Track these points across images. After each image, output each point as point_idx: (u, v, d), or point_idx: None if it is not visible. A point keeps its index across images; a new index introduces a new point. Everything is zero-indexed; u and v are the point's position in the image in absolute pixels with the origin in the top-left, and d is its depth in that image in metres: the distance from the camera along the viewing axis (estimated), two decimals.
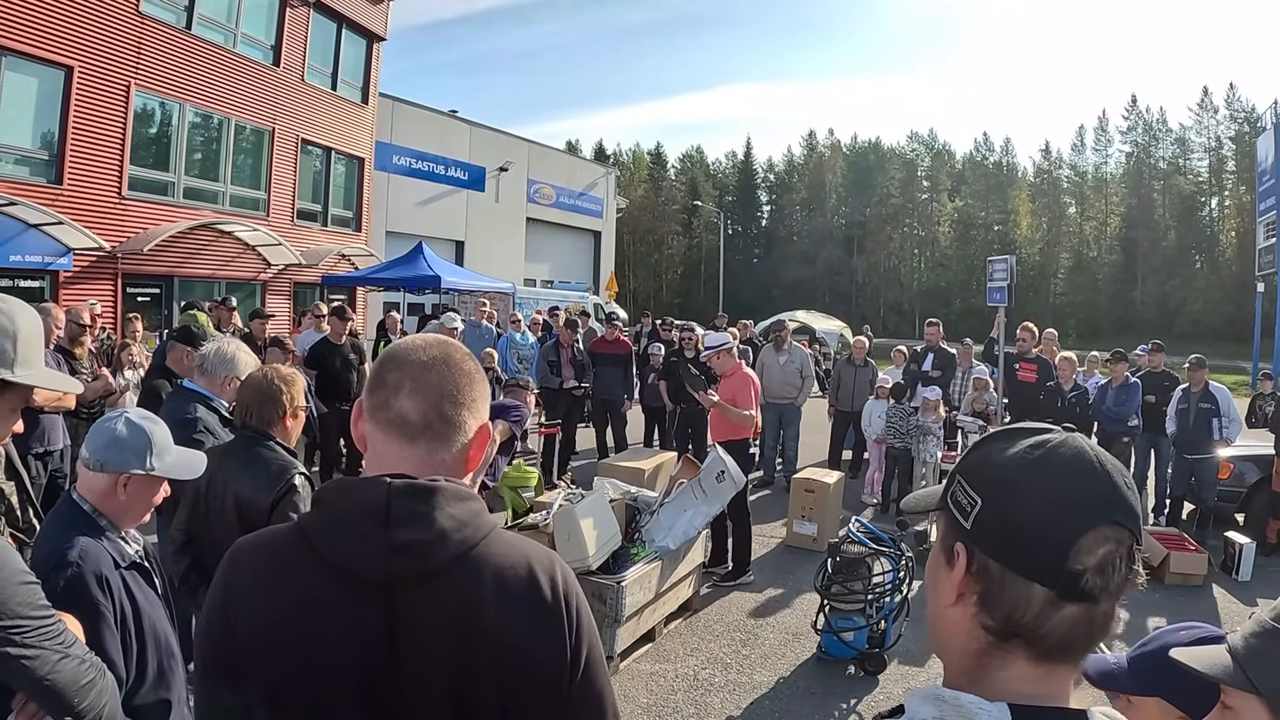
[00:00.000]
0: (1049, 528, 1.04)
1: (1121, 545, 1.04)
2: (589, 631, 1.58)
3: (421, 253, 20.38)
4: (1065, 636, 1.05)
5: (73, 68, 16.62)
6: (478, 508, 1.53)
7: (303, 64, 23.21)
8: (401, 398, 1.55)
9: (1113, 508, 1.04)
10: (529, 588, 1.51)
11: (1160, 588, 8.56)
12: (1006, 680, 1.08)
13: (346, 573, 1.44)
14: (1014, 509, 1.07)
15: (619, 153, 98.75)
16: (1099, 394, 11.18)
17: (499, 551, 1.51)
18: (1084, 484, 1.05)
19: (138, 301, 18.31)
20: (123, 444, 2.64)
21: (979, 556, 1.09)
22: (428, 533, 1.44)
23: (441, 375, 1.57)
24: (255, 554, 1.56)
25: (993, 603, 1.07)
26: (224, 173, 21.31)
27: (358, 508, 1.47)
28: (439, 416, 1.55)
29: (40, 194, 16.00)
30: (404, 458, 1.55)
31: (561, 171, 41.76)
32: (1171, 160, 75.04)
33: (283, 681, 1.44)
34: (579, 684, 1.54)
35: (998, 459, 1.12)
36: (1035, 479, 1.07)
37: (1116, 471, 1.07)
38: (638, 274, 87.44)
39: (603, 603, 5.94)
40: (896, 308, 79.16)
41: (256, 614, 1.47)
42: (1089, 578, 1.02)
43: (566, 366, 12.59)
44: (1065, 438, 1.10)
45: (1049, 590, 1.03)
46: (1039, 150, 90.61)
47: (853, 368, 13.09)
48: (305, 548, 1.48)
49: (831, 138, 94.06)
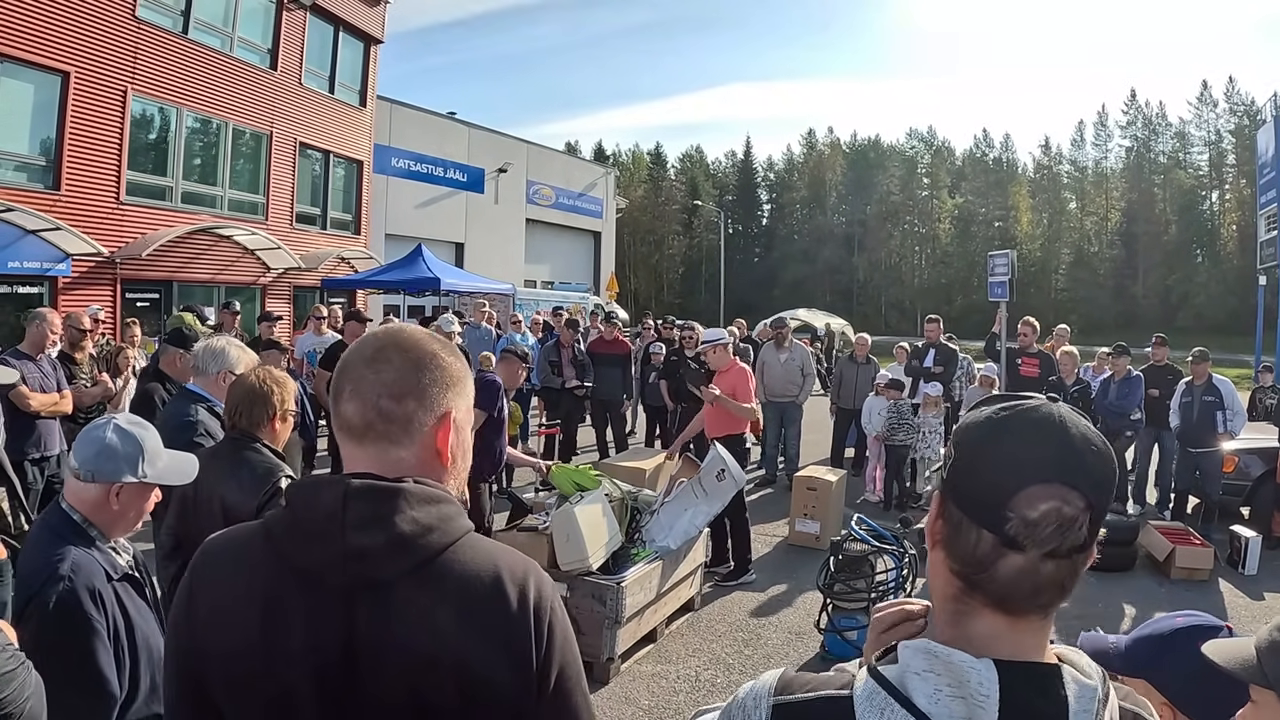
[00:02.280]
0: (998, 478, 1.10)
1: (1067, 505, 1.08)
2: (563, 647, 1.51)
3: (421, 255, 20.37)
4: (1009, 585, 1.11)
5: (69, 73, 16.57)
6: (449, 511, 1.47)
7: (300, 67, 23.15)
8: (344, 402, 1.50)
9: (1064, 469, 1.09)
10: (494, 598, 1.44)
11: (1166, 582, 8.54)
12: (980, 631, 1.14)
13: (307, 575, 1.41)
14: (976, 461, 1.15)
15: (619, 153, 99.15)
16: (1101, 388, 11.15)
17: (467, 559, 1.46)
18: (1041, 444, 1.11)
19: (137, 307, 18.20)
20: (114, 452, 2.60)
21: (949, 504, 1.17)
22: (386, 537, 1.39)
23: (381, 370, 1.50)
24: (222, 553, 1.53)
25: (953, 546, 1.15)
26: (222, 177, 21.26)
27: (317, 509, 1.42)
28: (377, 415, 1.49)
29: (38, 200, 15.95)
30: (361, 462, 1.50)
31: (560, 172, 41.73)
32: (1172, 154, 75.16)
33: (244, 683, 1.41)
34: (549, 701, 1.48)
35: (976, 418, 1.19)
36: (999, 435, 1.14)
37: (1082, 440, 1.11)
38: (639, 274, 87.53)
39: (602, 604, 5.91)
40: (898, 305, 79.20)
41: (220, 614, 1.44)
42: (1014, 524, 1.08)
43: (568, 366, 12.57)
44: (1040, 404, 1.15)
45: (992, 535, 1.10)
46: (1039, 146, 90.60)
47: (854, 365, 13.06)
48: (270, 549, 1.45)
49: (831, 136, 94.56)
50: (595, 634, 5.95)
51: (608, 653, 5.96)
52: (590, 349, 13.34)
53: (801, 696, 1.17)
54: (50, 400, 7.40)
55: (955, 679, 1.06)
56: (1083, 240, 78.53)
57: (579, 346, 13.02)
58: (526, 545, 6.33)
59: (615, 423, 13.35)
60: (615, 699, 5.77)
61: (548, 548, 6.17)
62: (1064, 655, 1.16)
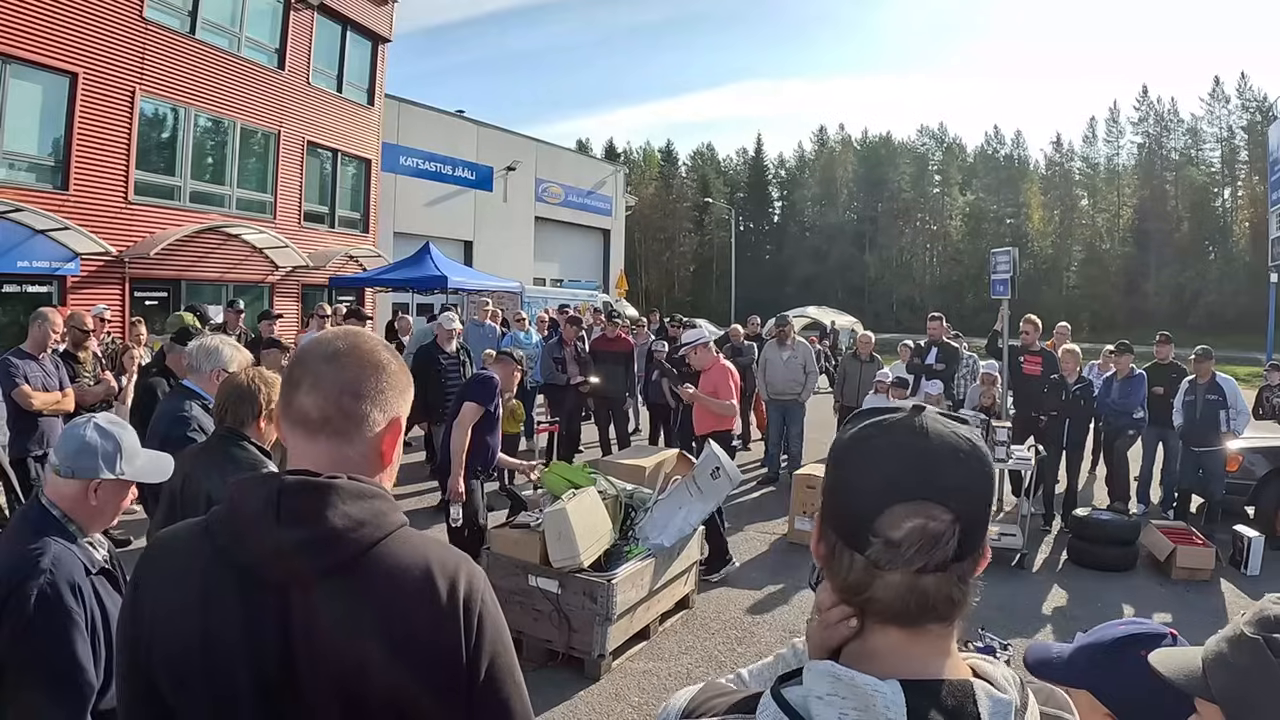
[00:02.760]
0: (861, 500, 1.09)
1: (933, 521, 1.06)
2: (493, 639, 1.54)
3: (428, 253, 20.39)
4: (891, 604, 1.09)
5: (77, 74, 16.65)
6: (381, 506, 1.51)
7: (308, 67, 23.21)
8: (301, 394, 1.54)
9: (926, 484, 1.07)
10: (424, 591, 1.48)
11: (1167, 583, 8.50)
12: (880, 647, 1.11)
13: (243, 570, 1.44)
14: (842, 485, 1.14)
15: (629, 151, 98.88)
16: (1103, 387, 11.12)
17: (398, 553, 1.49)
18: (901, 460, 1.09)
19: (145, 305, 18.31)
20: (92, 450, 2.66)
21: (825, 527, 1.17)
22: (317, 532, 1.43)
23: (343, 368, 1.55)
24: (166, 549, 1.57)
25: (833, 569, 1.15)
26: (230, 176, 21.32)
27: (253, 505, 1.46)
28: (338, 411, 1.54)
29: (46, 200, 16.04)
30: (309, 455, 1.54)
31: (570, 170, 41.70)
32: (1184, 151, 74.56)
33: (188, 676, 1.44)
34: (479, 692, 1.51)
35: (842, 438, 1.18)
36: (858, 456, 1.13)
37: (946, 449, 1.09)
38: (649, 272, 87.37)
39: (594, 600, 5.94)
40: (909, 303, 78.80)
41: (163, 609, 1.48)
42: (877, 548, 1.07)
43: (571, 363, 12.60)
44: (901, 417, 1.14)
45: (864, 558, 1.08)
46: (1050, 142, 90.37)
47: (858, 363, 13.05)
48: (210, 544, 1.48)
49: (842, 133, 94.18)
50: (586, 630, 5.98)
51: (599, 649, 5.98)
52: (593, 346, 13.38)
53: None
54: (52, 399, 7.48)
55: (861, 703, 1.03)
56: (1094, 237, 78.01)
57: (581, 345, 13.05)
58: (519, 542, 6.39)
59: (618, 420, 13.38)
60: (606, 696, 5.79)
61: (540, 545, 6.21)
62: (979, 668, 1.13)
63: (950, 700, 1.05)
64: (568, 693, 5.81)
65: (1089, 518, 9.11)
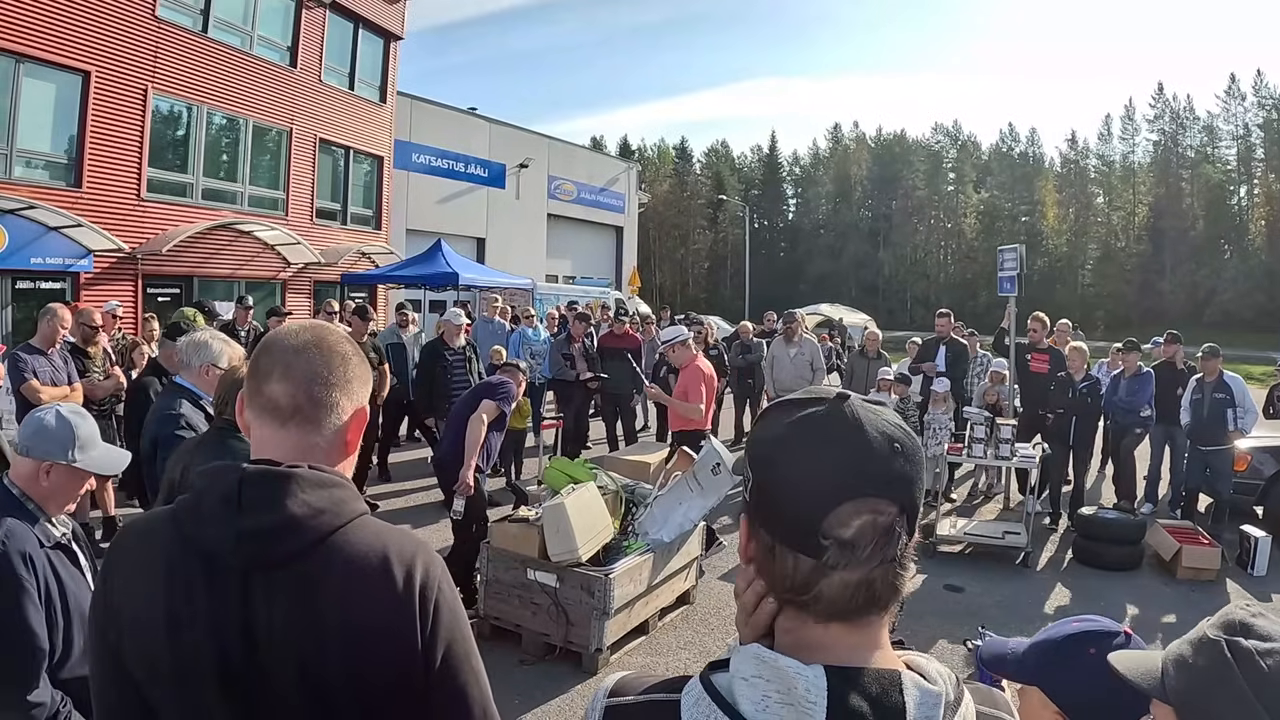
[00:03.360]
0: (802, 500, 1.06)
1: (881, 515, 1.04)
2: (450, 626, 1.58)
3: (440, 250, 20.39)
4: (837, 600, 1.06)
5: (90, 72, 16.78)
6: (341, 495, 1.54)
7: (320, 64, 23.29)
8: (272, 383, 1.58)
9: (870, 478, 1.05)
10: (380, 578, 1.51)
11: (1172, 582, 8.44)
12: (810, 640, 1.09)
13: (207, 557, 1.47)
14: (777, 484, 1.09)
15: (644, 148, 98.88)
16: (1111, 385, 11.05)
17: (356, 540, 1.52)
18: (840, 455, 1.06)
19: (158, 302, 18.41)
20: (48, 434, 2.80)
21: (756, 527, 1.13)
22: (276, 519, 1.46)
23: (311, 358, 1.59)
24: (136, 535, 1.59)
25: (768, 569, 1.11)
26: (242, 173, 21.43)
27: (215, 492, 1.49)
28: (308, 399, 1.58)
29: (59, 197, 16.17)
30: (277, 442, 1.58)
31: (582, 167, 41.65)
32: (1199, 149, 74.00)
33: (156, 660, 1.46)
34: (436, 678, 1.54)
35: (765, 433, 1.14)
36: (793, 454, 1.08)
37: (883, 440, 1.07)
38: (663, 268, 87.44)
39: (591, 595, 5.96)
40: (923, 300, 78.51)
41: (132, 594, 1.50)
42: (832, 552, 1.04)
43: (580, 360, 12.62)
44: (829, 408, 1.10)
45: (810, 559, 1.05)
46: (1065, 140, 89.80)
47: (865, 360, 13.02)
48: (177, 531, 1.51)
49: (856, 130, 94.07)
50: (584, 625, 6.01)
51: (596, 643, 6.00)
52: (600, 343, 13.40)
53: (631, 699, 1.15)
54: (60, 393, 7.54)
55: (783, 685, 1.02)
56: (1109, 235, 77.62)
57: (589, 341, 13.07)
58: (518, 536, 6.41)
59: (625, 416, 13.40)
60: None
61: (539, 539, 6.24)
62: (912, 662, 1.10)
63: (875, 687, 1.03)
64: (564, 686, 5.84)
65: (1094, 516, 9.06)
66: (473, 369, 10.84)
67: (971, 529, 9.47)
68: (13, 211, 15.20)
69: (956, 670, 4.74)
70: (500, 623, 6.47)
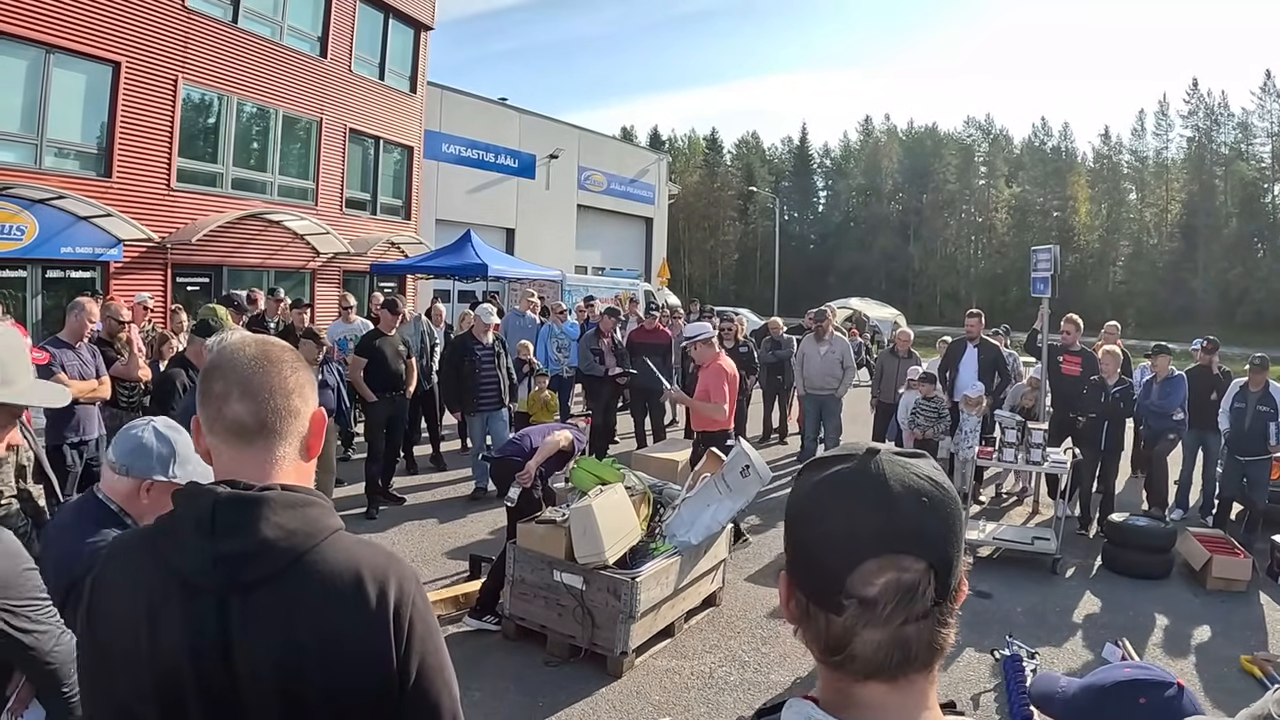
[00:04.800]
0: (827, 559, 1.05)
1: (905, 573, 1.03)
2: (423, 640, 1.60)
3: (469, 241, 20.45)
4: (872, 660, 1.05)
5: (120, 63, 16.86)
6: (314, 513, 1.57)
7: (350, 55, 23.32)
8: (232, 403, 1.59)
9: (893, 536, 1.03)
10: (354, 596, 1.53)
11: (1202, 593, 8.28)
12: (861, 700, 1.07)
13: (184, 580, 1.49)
14: (805, 544, 1.10)
15: (674, 138, 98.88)
16: (1143, 389, 10.91)
17: (329, 559, 1.55)
18: (862, 512, 1.04)
19: (187, 291, 18.60)
20: (150, 452, 2.74)
21: (795, 588, 1.12)
22: (250, 543, 1.48)
23: (265, 372, 1.62)
24: (119, 555, 1.62)
25: (807, 631, 1.11)
26: (272, 163, 21.51)
27: (189, 517, 1.50)
28: (272, 412, 1.60)
29: (90, 187, 16.28)
30: (244, 460, 1.60)
31: (612, 158, 41.64)
32: (1234, 145, 72.96)
33: (140, 682, 1.48)
34: (410, 694, 1.57)
35: (798, 491, 1.13)
36: (818, 513, 1.08)
37: (908, 494, 1.05)
38: (693, 260, 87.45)
39: (617, 597, 5.93)
40: (953, 295, 78.26)
41: (114, 615, 1.53)
42: (851, 611, 1.03)
43: (608, 355, 12.59)
44: (855, 465, 1.09)
45: (839, 618, 1.04)
46: (1098, 135, 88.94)
47: (895, 359, 12.89)
48: (156, 553, 1.53)
49: (888, 123, 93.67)
50: (609, 628, 5.98)
51: (621, 646, 5.97)
52: (630, 338, 13.37)
53: None
54: (89, 387, 7.57)
55: None
56: (1142, 232, 76.80)
57: (617, 336, 13.04)
58: (545, 537, 6.39)
59: (654, 412, 13.38)
60: (627, 693, 5.78)
61: (566, 540, 6.21)
62: None
63: None
64: (589, 689, 5.81)
65: (1124, 523, 8.92)
66: (500, 364, 10.82)
67: (1000, 534, 9.38)
68: (43, 201, 15.34)
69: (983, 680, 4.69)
70: (526, 623, 6.44)
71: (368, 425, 10.40)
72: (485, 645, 6.45)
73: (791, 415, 14.91)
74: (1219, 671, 6.40)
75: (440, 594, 7.15)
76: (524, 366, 12.15)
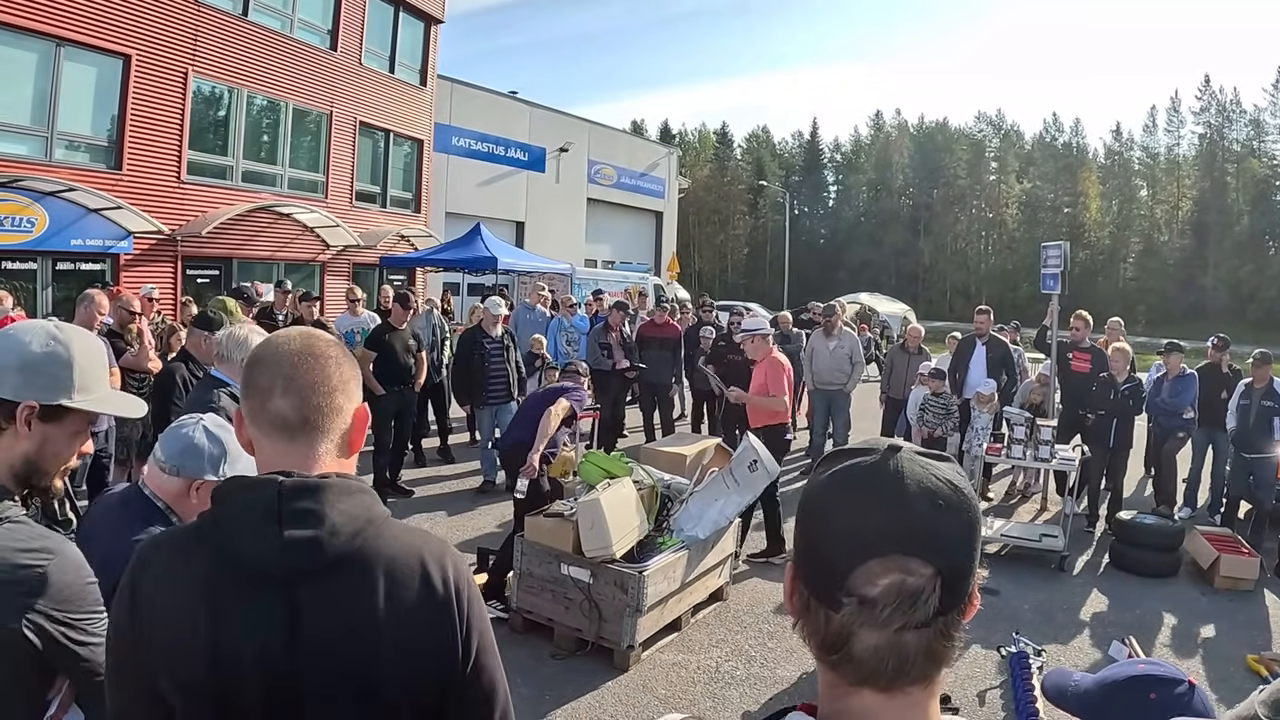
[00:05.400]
0: (833, 554, 1.01)
1: (911, 576, 0.98)
2: (479, 619, 1.64)
3: (479, 234, 20.48)
4: (868, 663, 1.01)
5: (130, 56, 16.89)
6: (368, 500, 1.58)
7: (360, 48, 23.33)
8: (276, 399, 1.58)
9: (902, 536, 0.99)
10: (421, 579, 1.56)
11: (1209, 592, 8.26)
12: (856, 708, 1.04)
13: (247, 569, 1.48)
14: (814, 536, 1.05)
15: (684, 132, 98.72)
16: (1153, 387, 10.88)
17: (391, 544, 1.56)
18: (873, 510, 1.01)
19: (197, 283, 18.66)
20: (201, 453, 2.74)
21: (798, 580, 1.08)
22: (319, 529, 1.48)
23: (310, 368, 1.60)
24: (161, 553, 1.59)
25: (807, 625, 1.07)
26: (282, 156, 21.54)
27: (253, 506, 1.50)
28: (314, 409, 1.59)
29: (100, 179, 16.31)
30: (288, 455, 1.59)
31: (623, 152, 41.67)
32: (1246, 142, 72.43)
33: (193, 677, 1.47)
34: (471, 672, 1.61)
35: (813, 484, 1.09)
36: (829, 507, 1.04)
37: (924, 496, 1.01)
38: (703, 254, 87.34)
39: (624, 591, 5.93)
40: (963, 291, 77.95)
41: (165, 612, 1.50)
42: (849, 610, 0.99)
43: (617, 349, 12.57)
44: (873, 461, 1.05)
45: (838, 615, 1.00)
46: (1110, 131, 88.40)
47: (906, 355, 12.86)
48: (204, 548, 1.52)
49: (898, 118, 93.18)
50: (616, 621, 5.99)
51: (628, 640, 5.98)
52: (640, 333, 13.36)
53: None
54: None
55: None
56: (1152, 229, 76.31)
57: (626, 330, 13.03)
58: (552, 530, 6.40)
59: (663, 406, 13.38)
60: (633, 687, 5.79)
61: (573, 533, 6.21)
62: None
63: None
64: (596, 682, 5.82)
65: (1132, 521, 8.89)
66: (510, 357, 10.83)
67: (1008, 530, 9.35)
68: (54, 194, 15.35)
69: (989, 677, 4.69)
70: (533, 616, 6.46)
71: (376, 418, 10.40)
72: None
73: (800, 410, 14.88)
74: (1225, 671, 6.39)
75: None
76: (536, 360, 12.16)
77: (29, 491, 2.11)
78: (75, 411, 2.04)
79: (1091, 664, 6.38)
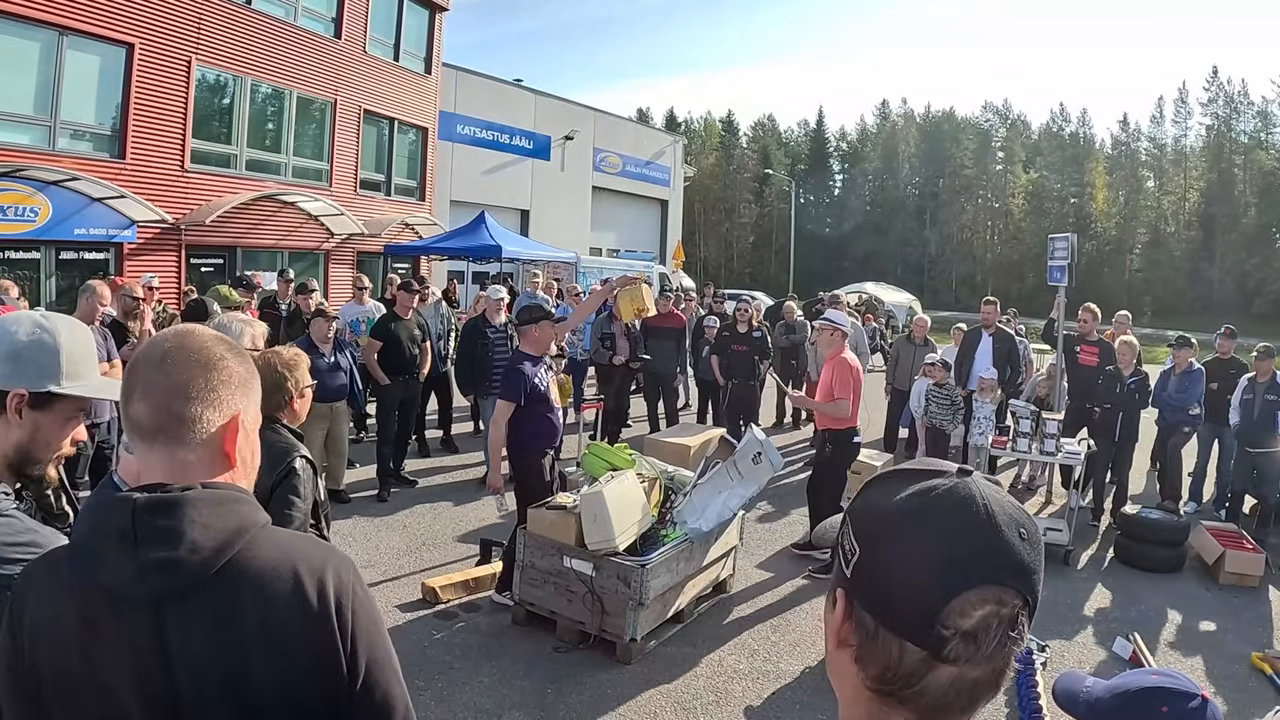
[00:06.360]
0: (919, 587, 0.96)
1: (1005, 607, 0.95)
2: (369, 632, 1.56)
3: (483, 222, 20.46)
4: (942, 697, 0.98)
5: (134, 44, 16.84)
6: (242, 510, 1.51)
7: (364, 35, 23.25)
8: (135, 403, 1.52)
9: (996, 567, 0.96)
10: (292, 594, 1.48)
11: (1214, 588, 8.24)
12: None
13: (112, 593, 1.43)
14: (888, 563, 0.99)
15: (690, 121, 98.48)
16: (1160, 381, 10.82)
17: (263, 557, 1.49)
18: (962, 541, 0.97)
19: (201, 272, 18.62)
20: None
21: (856, 606, 1.02)
22: (177, 548, 1.41)
23: (170, 372, 1.52)
24: (40, 575, 1.54)
25: (867, 655, 1.01)
26: (286, 144, 21.48)
27: (109, 528, 1.44)
28: (169, 415, 1.51)
29: (103, 168, 16.28)
30: (149, 462, 1.53)
31: (628, 140, 41.55)
32: (1253, 134, 72.05)
33: (73, 698, 1.43)
34: (362, 689, 1.53)
35: (878, 506, 1.04)
36: (911, 532, 0.99)
37: (1010, 524, 0.98)
38: (708, 243, 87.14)
39: (627, 585, 5.92)
40: (969, 281, 77.83)
41: (42, 630, 1.47)
42: (955, 644, 0.94)
43: (620, 339, 12.52)
44: (953, 485, 1.01)
45: (921, 650, 0.96)
46: (1117, 122, 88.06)
47: (912, 346, 12.83)
48: (76, 569, 1.47)
49: (905, 107, 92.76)
50: (619, 614, 5.97)
51: (631, 633, 5.97)
52: (644, 322, 13.32)
53: None
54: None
55: None
56: (1159, 220, 75.94)
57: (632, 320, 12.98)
58: (555, 523, 6.38)
59: (667, 397, 13.35)
60: (636, 680, 5.78)
61: (576, 526, 6.19)
62: None
63: None
64: (598, 676, 5.81)
65: (1137, 516, 8.87)
66: (513, 346, 10.80)
67: None
68: (57, 183, 15.34)
69: None
70: (535, 609, 6.45)
71: (380, 408, 10.38)
72: (495, 630, 6.46)
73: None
74: (1229, 668, 6.37)
75: (451, 578, 7.18)
76: None
77: (23, 484, 2.10)
78: (65, 398, 2.03)
79: (1095, 659, 6.37)
